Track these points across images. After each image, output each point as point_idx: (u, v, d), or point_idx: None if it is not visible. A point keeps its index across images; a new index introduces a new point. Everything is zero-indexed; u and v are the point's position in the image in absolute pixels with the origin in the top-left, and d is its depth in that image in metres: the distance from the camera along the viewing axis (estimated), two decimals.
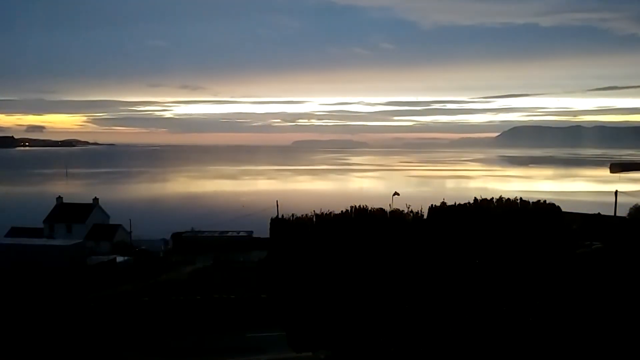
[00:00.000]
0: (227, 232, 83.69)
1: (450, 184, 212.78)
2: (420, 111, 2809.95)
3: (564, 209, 52.37)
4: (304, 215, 31.35)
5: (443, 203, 35.78)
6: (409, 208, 32.50)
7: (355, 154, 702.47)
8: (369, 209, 31.92)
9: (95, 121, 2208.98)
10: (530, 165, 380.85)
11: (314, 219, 31.07)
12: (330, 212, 31.58)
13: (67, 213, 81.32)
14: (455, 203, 36.14)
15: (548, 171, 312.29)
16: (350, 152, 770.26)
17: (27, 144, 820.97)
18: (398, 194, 58.03)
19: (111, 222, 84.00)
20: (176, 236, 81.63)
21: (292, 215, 31.48)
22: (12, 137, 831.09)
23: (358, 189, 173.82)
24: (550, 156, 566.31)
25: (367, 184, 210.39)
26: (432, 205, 35.35)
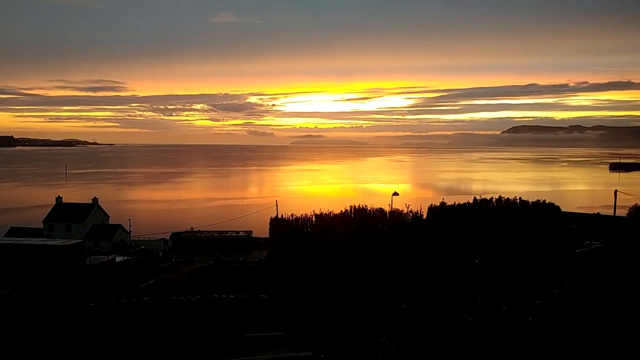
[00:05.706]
0: (227, 232, 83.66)
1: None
2: (420, 110, 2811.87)
3: (563, 209, 52.29)
4: (304, 215, 31.39)
5: (442, 203, 35.86)
6: (408, 208, 32.56)
7: (363, 154, 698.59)
8: (369, 209, 31.98)
9: None
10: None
11: (314, 219, 31.15)
12: (330, 212, 31.64)
13: (66, 213, 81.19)
14: (454, 203, 36.22)
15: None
16: (356, 152, 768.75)
17: (26, 143, 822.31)
18: (397, 194, 57.90)
19: (111, 222, 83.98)
20: (176, 236, 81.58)
21: (292, 215, 31.54)
22: (12, 136, 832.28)
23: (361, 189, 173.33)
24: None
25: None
26: (431, 205, 35.44)
